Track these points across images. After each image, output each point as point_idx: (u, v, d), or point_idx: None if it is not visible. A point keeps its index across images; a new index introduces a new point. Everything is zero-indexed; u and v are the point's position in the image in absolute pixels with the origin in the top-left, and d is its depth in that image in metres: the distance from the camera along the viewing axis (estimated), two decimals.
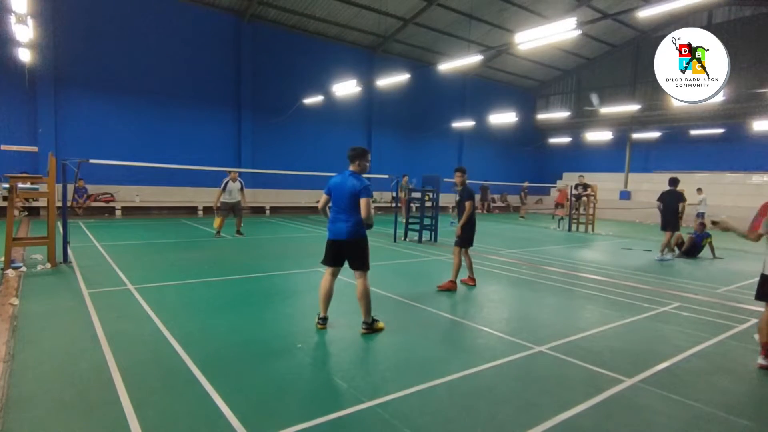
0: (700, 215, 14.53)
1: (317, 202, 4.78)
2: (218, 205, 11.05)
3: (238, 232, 11.21)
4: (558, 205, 17.30)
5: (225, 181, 10.90)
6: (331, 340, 4.31)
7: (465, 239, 6.52)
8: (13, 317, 4.43)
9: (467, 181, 6.63)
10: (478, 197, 25.89)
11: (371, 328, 4.46)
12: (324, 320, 4.52)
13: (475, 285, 6.65)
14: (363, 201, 4.24)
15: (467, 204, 6.39)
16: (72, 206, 12.89)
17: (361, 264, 4.43)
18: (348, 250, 4.42)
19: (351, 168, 4.45)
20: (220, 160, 17.19)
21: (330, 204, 4.50)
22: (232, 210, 11.11)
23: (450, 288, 6.33)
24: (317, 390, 3.26)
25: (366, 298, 4.40)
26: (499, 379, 3.55)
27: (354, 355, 4.00)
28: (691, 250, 10.34)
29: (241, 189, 11.15)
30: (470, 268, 6.72)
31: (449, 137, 25.14)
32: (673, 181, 9.69)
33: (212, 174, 16.89)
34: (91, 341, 3.90)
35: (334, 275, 4.56)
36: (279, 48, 18.63)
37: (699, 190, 16.44)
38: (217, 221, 10.98)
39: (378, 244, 10.69)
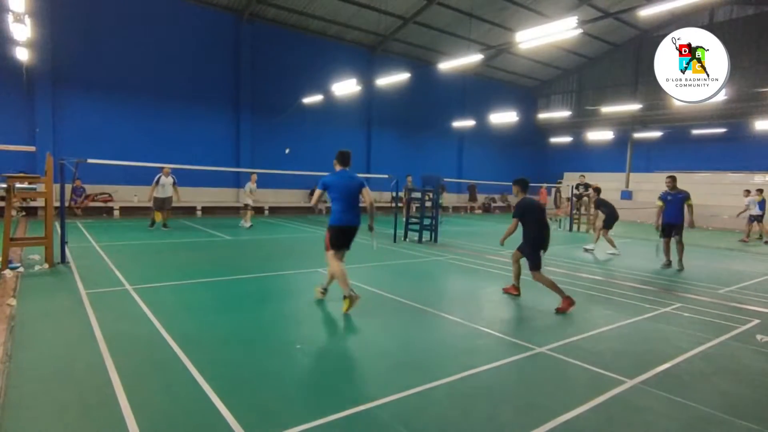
0: (753, 219, 13.53)
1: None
2: (150, 199, 11.43)
3: (165, 225, 11.57)
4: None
5: (158, 177, 11.23)
6: (331, 341, 4.30)
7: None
8: (10, 318, 4.40)
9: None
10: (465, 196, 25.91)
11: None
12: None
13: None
14: (366, 190, 5.13)
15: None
16: (71, 206, 12.90)
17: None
18: (352, 234, 5.19)
19: (345, 167, 5.19)
20: (219, 159, 17.16)
21: (327, 198, 5.15)
22: (163, 204, 11.47)
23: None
24: (316, 391, 3.24)
25: None
26: (499, 380, 3.53)
27: (353, 357, 3.98)
28: None
29: (174, 184, 11.53)
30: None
31: (449, 137, 25.08)
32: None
33: (211, 174, 16.89)
34: (89, 342, 3.88)
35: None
36: (278, 47, 18.59)
37: (747, 191, 14.46)
38: (157, 216, 11.41)
39: (378, 244, 10.65)
